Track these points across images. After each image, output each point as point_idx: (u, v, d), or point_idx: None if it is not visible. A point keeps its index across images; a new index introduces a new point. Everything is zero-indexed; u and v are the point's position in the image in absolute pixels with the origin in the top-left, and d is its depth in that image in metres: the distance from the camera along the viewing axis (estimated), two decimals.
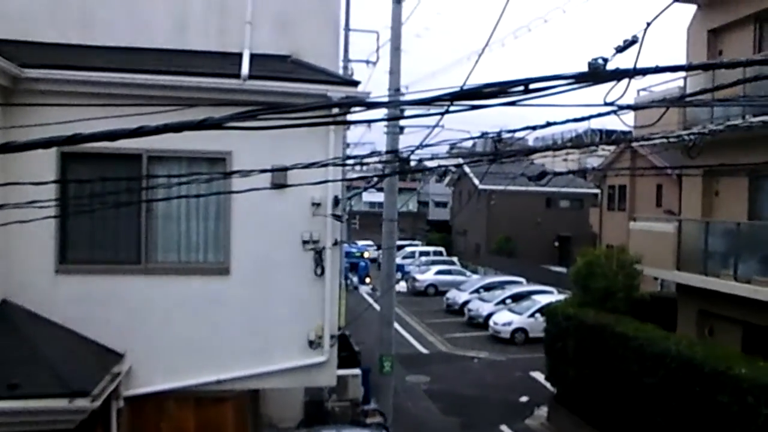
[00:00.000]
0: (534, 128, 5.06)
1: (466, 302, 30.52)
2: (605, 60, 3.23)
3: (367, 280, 36.71)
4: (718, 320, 14.17)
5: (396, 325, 16.22)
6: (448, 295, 32.90)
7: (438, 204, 64.97)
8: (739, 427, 10.00)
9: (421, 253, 48.02)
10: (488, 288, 31.75)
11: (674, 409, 11.53)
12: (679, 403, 11.38)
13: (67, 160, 7.95)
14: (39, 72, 7.54)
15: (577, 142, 42.35)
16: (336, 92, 8.14)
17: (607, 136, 38.41)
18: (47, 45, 8.34)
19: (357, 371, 14.95)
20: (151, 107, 5.74)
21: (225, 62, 8.41)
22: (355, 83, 8.98)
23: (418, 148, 8.35)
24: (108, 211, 7.90)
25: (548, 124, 4.99)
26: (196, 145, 8.00)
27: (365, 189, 34.33)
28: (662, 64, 3.32)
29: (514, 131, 5.74)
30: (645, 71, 3.26)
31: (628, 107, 4.10)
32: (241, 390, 8.68)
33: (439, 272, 38.64)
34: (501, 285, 32.01)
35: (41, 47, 8.25)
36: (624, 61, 3.63)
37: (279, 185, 8.04)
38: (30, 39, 8.30)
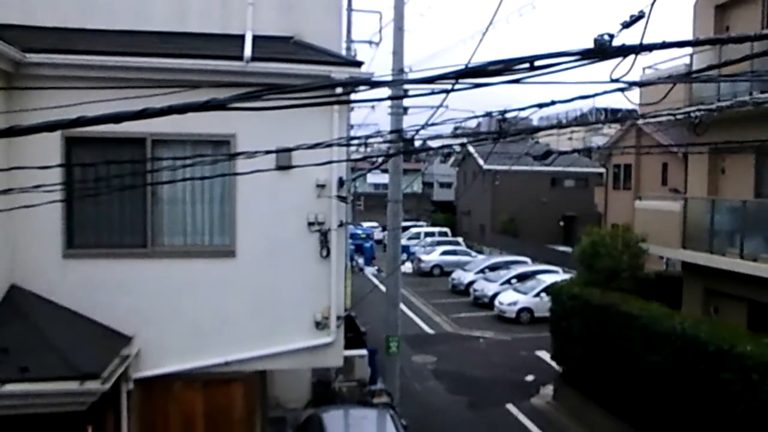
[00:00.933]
0: (539, 106, 5.02)
1: (472, 282, 30.58)
2: (611, 36, 3.19)
3: (373, 261, 36.81)
4: (723, 298, 14.17)
5: (402, 306, 16.29)
6: (454, 275, 32.96)
7: (442, 185, 64.89)
8: (743, 404, 10.04)
9: (426, 234, 48.02)
10: (493, 268, 31.79)
11: (679, 387, 11.57)
12: (684, 381, 11.43)
13: (72, 145, 7.96)
14: (41, 56, 7.52)
15: (582, 121, 42.16)
16: (339, 73, 8.10)
17: (613, 115, 38.19)
18: (49, 29, 8.30)
19: (363, 352, 15.04)
20: (154, 90, 5.73)
21: (227, 44, 8.37)
22: (359, 64, 8.93)
23: (422, 128, 8.32)
24: (114, 195, 7.93)
25: (553, 103, 4.96)
26: (200, 128, 7.99)
27: (370, 170, 34.27)
28: (669, 40, 3.29)
29: (519, 110, 5.71)
30: (651, 47, 3.23)
31: (635, 84, 4.06)
32: (249, 371, 8.75)
33: (444, 253, 38.68)
34: (506, 265, 32.03)
35: (43, 31, 8.22)
36: (630, 37, 3.59)
37: (284, 167, 8.04)
38: (31, 23, 8.27)
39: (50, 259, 7.96)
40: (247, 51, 7.98)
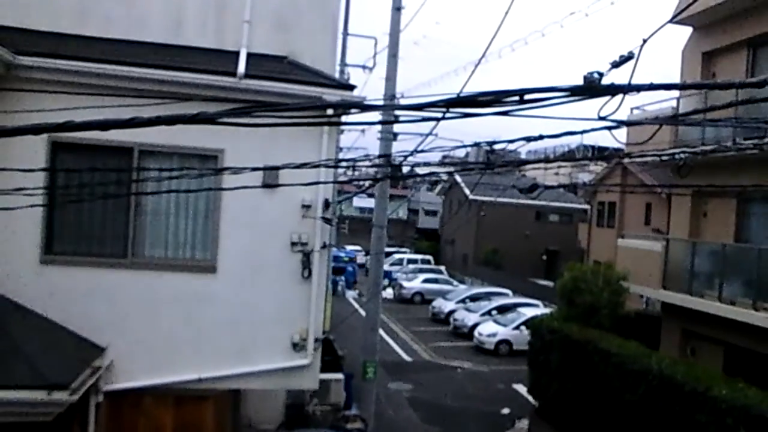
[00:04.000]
0: (527, 140, 5.06)
1: (452, 312, 30.51)
2: (601, 74, 3.24)
3: (355, 285, 36.68)
4: (700, 340, 14.25)
5: (381, 332, 16.19)
6: (434, 303, 32.89)
7: (428, 212, 65.08)
8: None
9: (409, 261, 48.01)
10: (474, 298, 31.77)
11: (654, 427, 11.56)
12: (659, 421, 11.42)
13: (58, 150, 7.88)
14: (33, 60, 7.48)
15: (569, 157, 42.61)
16: (332, 95, 8.13)
17: (599, 152, 38.67)
18: (42, 33, 8.28)
19: (340, 376, 14.90)
20: (145, 100, 5.72)
21: (221, 60, 8.39)
22: (351, 87, 8.99)
23: (411, 154, 8.36)
24: (96, 203, 7.85)
25: (542, 137, 5.00)
26: (188, 141, 7.96)
27: (356, 193, 34.32)
28: (657, 82, 3.34)
29: (508, 142, 5.75)
30: (640, 87, 3.27)
31: (622, 122, 4.11)
32: (222, 389, 8.62)
33: (426, 280, 38.64)
34: (487, 296, 32.04)
35: (36, 35, 8.19)
36: (619, 76, 3.65)
37: (270, 185, 8.02)
38: (25, 26, 8.25)
39: (27, 264, 7.83)
40: (241, 67, 8.00)
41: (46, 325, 7.64)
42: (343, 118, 7.35)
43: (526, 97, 3.21)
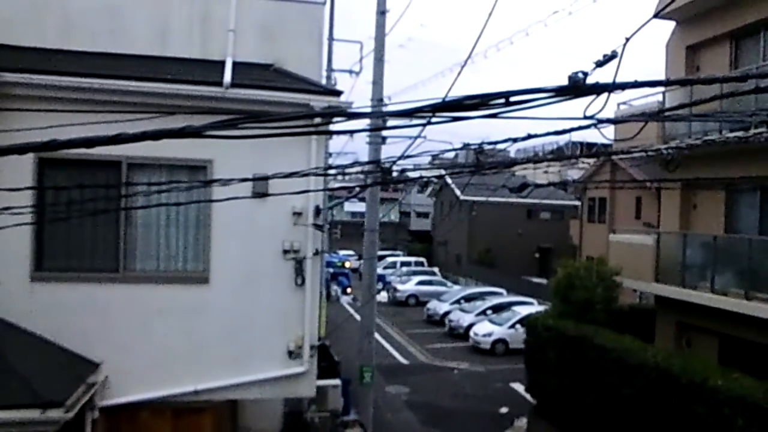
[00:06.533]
0: (515, 140, 5.08)
1: (447, 313, 30.52)
2: (585, 74, 3.26)
3: (348, 290, 36.62)
4: (695, 332, 14.31)
5: (376, 336, 16.16)
6: (429, 305, 32.89)
7: (420, 214, 65.11)
8: None
9: (403, 264, 48.03)
10: (469, 299, 31.79)
11: (652, 420, 11.61)
12: (657, 414, 11.47)
13: (45, 167, 7.84)
14: (17, 76, 7.44)
15: (558, 155, 42.78)
16: (318, 102, 8.14)
17: (588, 149, 38.84)
18: (27, 49, 8.24)
19: (337, 382, 14.86)
20: (132, 114, 5.69)
21: (207, 70, 8.38)
22: (338, 93, 8.99)
23: (400, 158, 8.36)
24: (86, 218, 7.80)
25: (529, 137, 5.02)
26: (176, 153, 7.93)
27: (347, 199, 34.31)
28: (641, 79, 3.37)
29: (496, 143, 5.77)
30: (624, 85, 3.29)
31: (608, 121, 4.14)
32: (219, 400, 8.58)
33: (420, 283, 38.65)
34: (482, 296, 32.06)
35: (21, 51, 8.15)
36: (604, 75, 3.67)
37: (260, 194, 8.00)
38: (10, 43, 8.20)
39: (17, 281, 7.77)
40: (227, 77, 7.99)
41: (38, 343, 7.58)
42: (332, 125, 7.34)
43: (512, 99, 3.22)
